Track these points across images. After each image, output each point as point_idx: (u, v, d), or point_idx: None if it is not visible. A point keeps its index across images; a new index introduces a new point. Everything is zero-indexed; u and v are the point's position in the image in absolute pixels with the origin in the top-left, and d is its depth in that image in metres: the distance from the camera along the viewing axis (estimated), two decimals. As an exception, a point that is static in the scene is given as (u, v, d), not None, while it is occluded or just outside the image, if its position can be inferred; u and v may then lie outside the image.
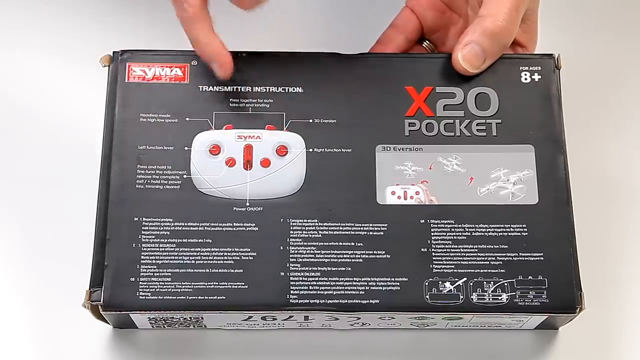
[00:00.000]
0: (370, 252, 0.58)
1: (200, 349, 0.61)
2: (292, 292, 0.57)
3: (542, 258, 0.58)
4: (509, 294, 0.57)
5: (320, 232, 0.58)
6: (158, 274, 0.57)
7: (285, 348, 0.62)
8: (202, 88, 0.61)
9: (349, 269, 0.57)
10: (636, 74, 0.71)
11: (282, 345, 0.62)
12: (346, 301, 0.57)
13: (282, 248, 0.58)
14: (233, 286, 0.57)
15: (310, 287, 0.57)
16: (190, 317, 0.58)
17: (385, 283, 0.57)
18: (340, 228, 0.58)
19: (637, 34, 0.72)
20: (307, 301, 0.57)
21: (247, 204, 0.58)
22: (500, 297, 0.57)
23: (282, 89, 0.61)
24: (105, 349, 0.61)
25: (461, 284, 0.57)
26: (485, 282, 0.57)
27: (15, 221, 0.65)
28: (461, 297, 0.57)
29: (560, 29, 0.71)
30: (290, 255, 0.57)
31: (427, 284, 0.57)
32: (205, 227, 0.58)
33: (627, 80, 0.71)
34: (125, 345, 0.61)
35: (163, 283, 0.57)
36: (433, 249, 0.58)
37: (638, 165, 0.68)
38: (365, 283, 0.57)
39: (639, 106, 0.70)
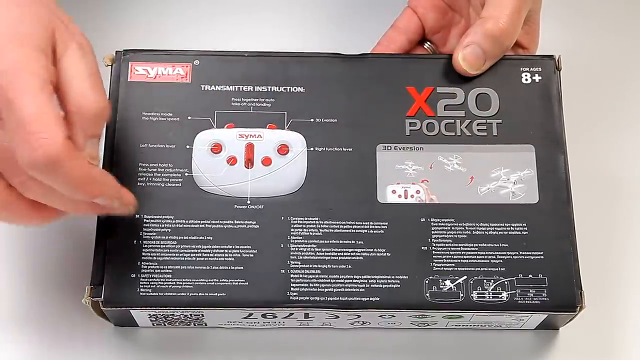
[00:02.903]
0: (371, 250, 0.58)
1: (200, 347, 0.62)
2: (292, 289, 0.57)
3: (542, 257, 0.58)
4: (509, 292, 0.57)
5: (320, 230, 0.58)
6: (159, 270, 0.57)
7: (286, 347, 0.62)
8: (204, 87, 0.61)
9: (350, 266, 0.57)
10: (637, 74, 0.71)
11: (282, 343, 0.62)
12: (346, 298, 0.57)
13: (282, 246, 0.58)
14: (234, 283, 0.57)
15: (311, 285, 0.57)
16: (190, 315, 0.58)
17: (386, 281, 0.57)
18: (341, 226, 0.58)
19: (638, 33, 0.73)
20: (308, 298, 0.57)
21: (248, 202, 0.59)
22: (500, 296, 0.57)
23: (284, 89, 0.61)
24: (106, 346, 0.61)
25: (461, 282, 0.57)
26: (485, 281, 0.57)
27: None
28: (461, 295, 0.57)
29: (560, 29, 0.71)
30: (291, 253, 0.58)
31: (427, 282, 0.57)
32: (207, 225, 0.58)
33: (627, 80, 0.71)
34: (126, 343, 0.61)
35: (164, 280, 0.57)
36: (433, 247, 0.58)
37: (639, 165, 0.68)
38: (366, 281, 0.57)
39: (639, 106, 0.70)
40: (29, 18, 0.50)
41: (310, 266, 0.57)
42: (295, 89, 0.61)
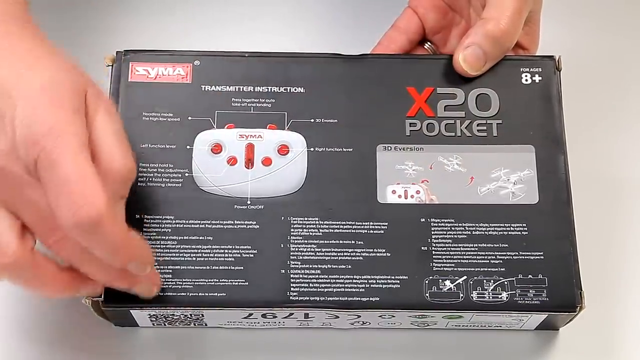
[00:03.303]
0: (371, 250, 0.58)
1: (200, 347, 0.62)
2: (292, 289, 0.57)
3: (542, 257, 0.58)
4: (509, 292, 0.57)
5: (320, 230, 0.58)
6: (159, 270, 0.57)
7: (286, 347, 0.62)
8: (205, 87, 0.61)
9: (349, 266, 0.57)
10: (637, 73, 0.71)
11: (282, 344, 0.62)
12: (346, 299, 0.57)
13: (282, 246, 0.58)
14: (234, 283, 0.57)
15: (311, 285, 0.57)
16: (190, 315, 0.58)
17: (386, 281, 0.57)
18: (341, 226, 0.58)
19: (638, 33, 0.73)
20: (307, 298, 0.57)
21: (249, 202, 0.59)
22: (500, 296, 0.57)
23: (284, 89, 0.61)
24: (106, 346, 0.61)
25: (461, 282, 0.57)
26: (485, 281, 0.57)
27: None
28: (461, 295, 0.57)
29: (560, 30, 0.71)
30: (291, 253, 0.58)
31: (427, 282, 0.57)
32: (207, 225, 0.58)
33: (627, 80, 0.71)
34: (126, 343, 0.61)
35: (164, 279, 0.57)
36: (433, 248, 0.58)
37: (639, 165, 0.68)
38: (366, 281, 0.57)
39: (639, 106, 0.70)
40: (64, 82, 0.51)
41: (310, 266, 0.57)
42: (295, 90, 0.61)
